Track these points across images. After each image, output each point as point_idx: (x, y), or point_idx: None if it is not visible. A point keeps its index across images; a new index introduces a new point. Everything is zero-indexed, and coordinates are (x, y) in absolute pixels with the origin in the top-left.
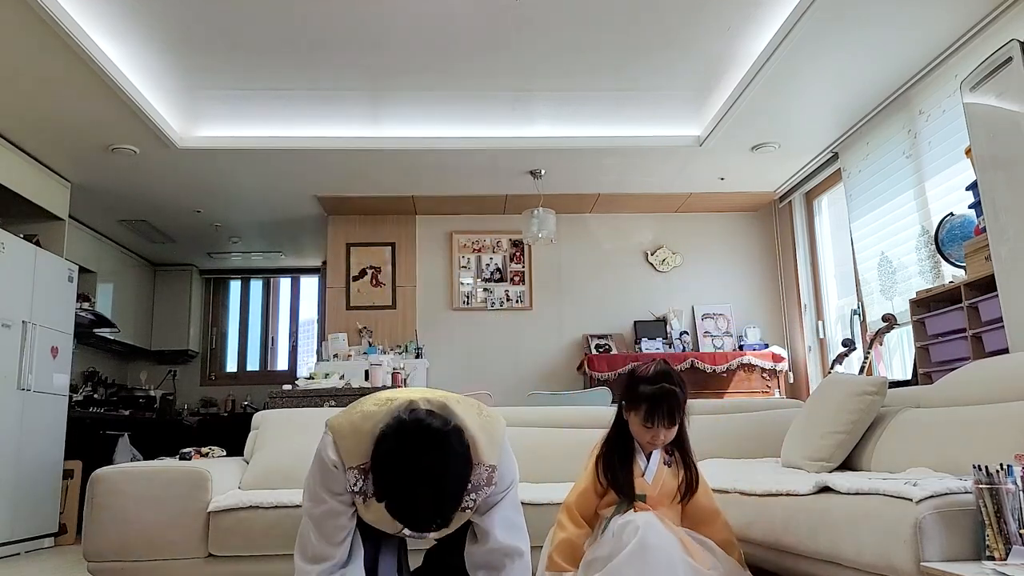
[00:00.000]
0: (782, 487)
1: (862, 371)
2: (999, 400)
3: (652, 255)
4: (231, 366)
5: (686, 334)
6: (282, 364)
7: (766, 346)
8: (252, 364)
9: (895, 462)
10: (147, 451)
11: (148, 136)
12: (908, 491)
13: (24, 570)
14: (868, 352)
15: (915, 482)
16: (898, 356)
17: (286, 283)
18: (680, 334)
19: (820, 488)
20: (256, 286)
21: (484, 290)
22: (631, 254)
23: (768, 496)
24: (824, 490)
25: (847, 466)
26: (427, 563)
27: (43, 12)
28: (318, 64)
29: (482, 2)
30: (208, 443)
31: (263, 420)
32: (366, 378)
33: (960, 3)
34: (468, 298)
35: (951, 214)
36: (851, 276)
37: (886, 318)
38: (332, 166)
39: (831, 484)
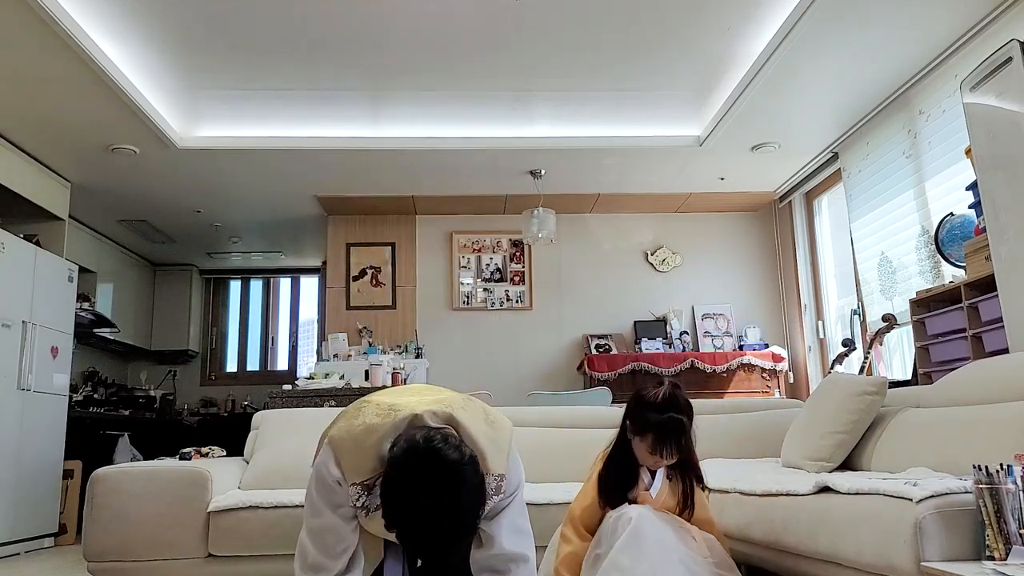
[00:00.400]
0: (782, 487)
1: (862, 371)
2: (999, 400)
3: (652, 255)
4: (231, 366)
5: (686, 334)
6: (282, 364)
7: (766, 346)
8: (252, 364)
9: (895, 462)
10: (147, 451)
11: (148, 136)
12: (908, 491)
13: (24, 570)
14: (868, 352)
15: (915, 482)
16: (898, 356)
17: (286, 283)
18: (680, 334)
19: (820, 488)
20: (256, 286)
21: (484, 290)
22: (631, 254)
23: (768, 496)
24: (824, 490)
25: (847, 466)
26: (428, 563)
27: (43, 12)
28: (318, 64)
29: (482, 2)
30: (208, 443)
31: (263, 420)
32: (366, 378)
33: (960, 3)
34: (468, 298)
35: (951, 214)
36: (851, 276)
37: (886, 318)
38: (332, 166)
39: (831, 484)
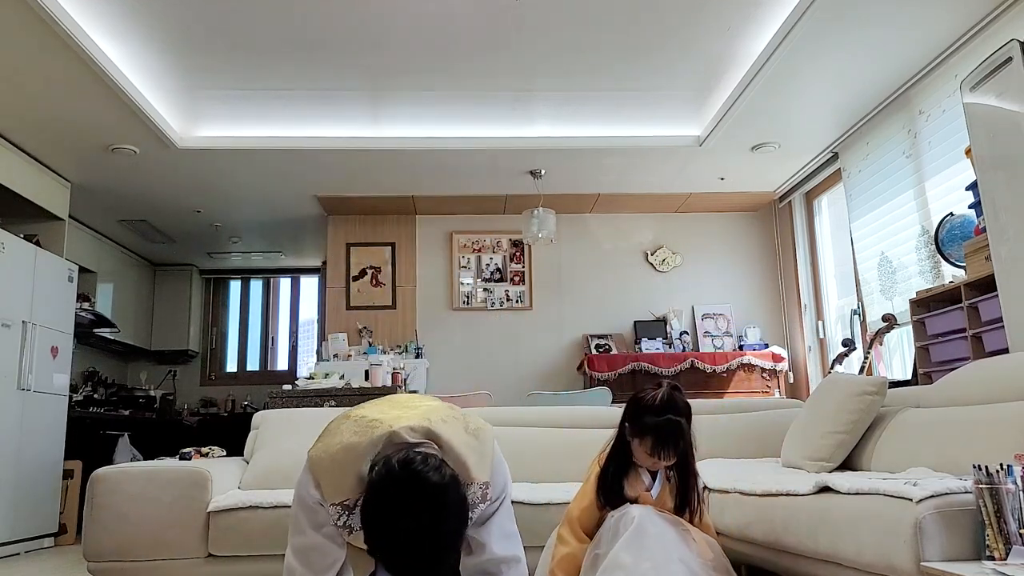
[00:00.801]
0: (782, 487)
1: (862, 371)
2: (999, 400)
3: (652, 255)
4: (231, 366)
5: (686, 334)
6: (282, 364)
7: (766, 346)
8: (252, 364)
9: (895, 462)
10: (147, 451)
11: (148, 136)
12: (908, 491)
13: (24, 570)
14: (868, 352)
15: (915, 482)
16: (898, 356)
17: (286, 283)
18: (680, 334)
19: (820, 488)
20: (256, 286)
21: (484, 290)
22: (631, 254)
23: (768, 496)
24: (824, 490)
25: (847, 466)
26: None
27: (43, 12)
28: (318, 64)
29: (482, 2)
30: (208, 443)
31: (263, 420)
32: (366, 378)
33: (960, 3)
34: (468, 298)
35: (951, 214)
36: (851, 276)
37: (886, 318)
38: (332, 166)
39: (831, 484)
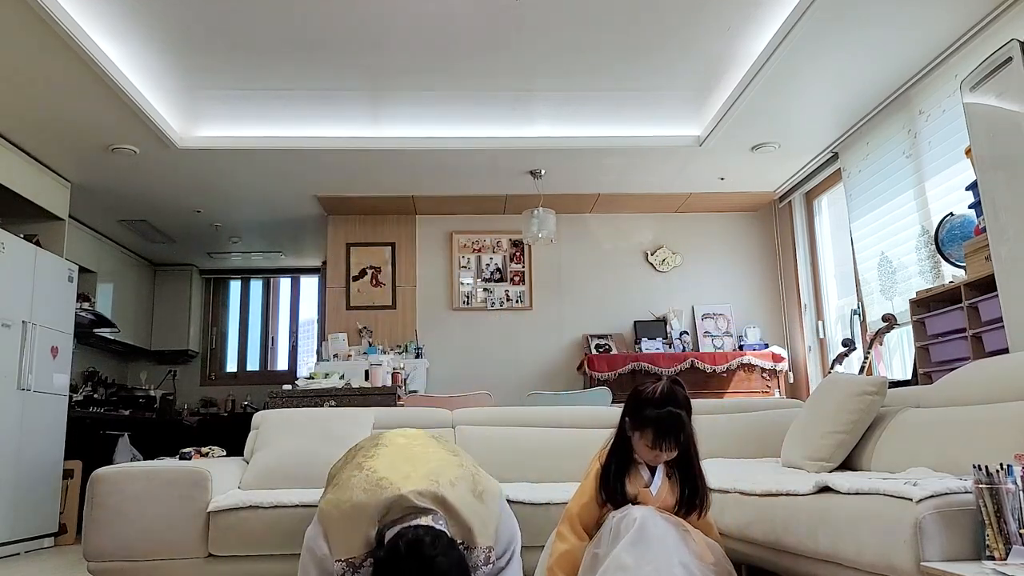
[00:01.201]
0: (782, 487)
1: (862, 371)
2: (999, 400)
3: (652, 255)
4: (231, 366)
5: (686, 334)
6: (282, 364)
7: (766, 346)
8: (252, 364)
9: (895, 462)
10: (147, 451)
11: (148, 136)
12: (908, 491)
13: (24, 570)
14: (868, 352)
15: (915, 482)
16: (898, 356)
17: (286, 283)
18: (680, 334)
19: (820, 488)
20: (256, 286)
21: (484, 290)
22: (631, 254)
23: (768, 496)
24: (824, 490)
25: (847, 466)
26: None
27: (43, 12)
28: (318, 64)
29: (482, 2)
30: (208, 443)
31: (263, 420)
32: (366, 378)
33: (960, 3)
34: (468, 298)
35: (951, 214)
36: (851, 276)
37: (886, 318)
38: (332, 166)
39: (831, 484)
